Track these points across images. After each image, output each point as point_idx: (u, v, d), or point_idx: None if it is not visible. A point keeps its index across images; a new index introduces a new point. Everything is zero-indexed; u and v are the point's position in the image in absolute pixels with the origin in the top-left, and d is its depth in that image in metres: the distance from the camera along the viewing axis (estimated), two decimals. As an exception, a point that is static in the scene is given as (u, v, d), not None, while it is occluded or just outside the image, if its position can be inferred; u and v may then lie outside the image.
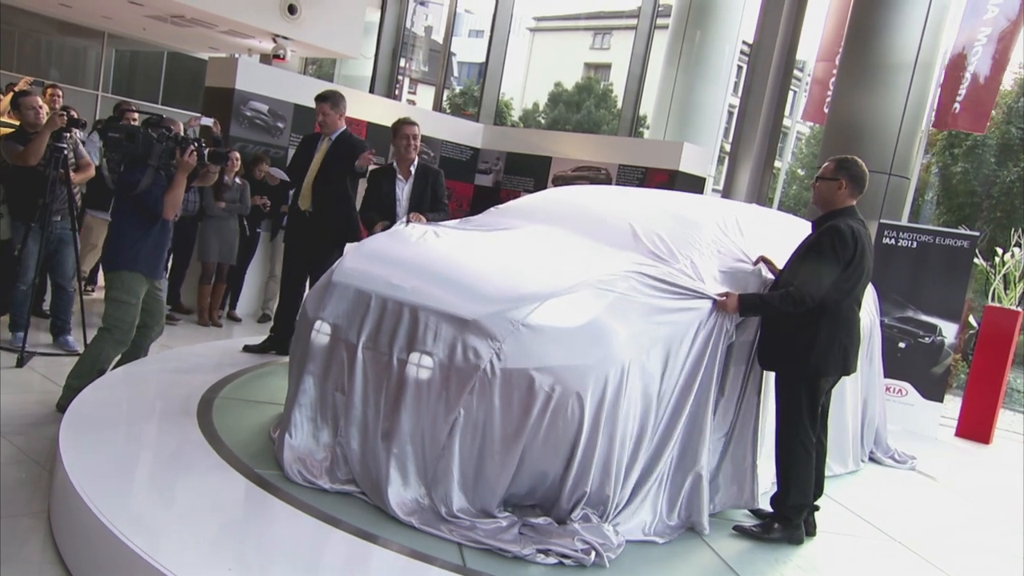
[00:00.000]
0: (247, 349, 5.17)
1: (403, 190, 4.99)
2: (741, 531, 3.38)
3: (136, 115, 5.82)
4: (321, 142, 5.25)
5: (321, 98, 5.18)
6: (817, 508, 3.54)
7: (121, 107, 6.25)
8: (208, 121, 5.58)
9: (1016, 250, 7.15)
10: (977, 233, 6.89)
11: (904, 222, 7.88)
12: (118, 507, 2.64)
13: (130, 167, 4.02)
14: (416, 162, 5.05)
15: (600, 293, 3.09)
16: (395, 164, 5.03)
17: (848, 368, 3.39)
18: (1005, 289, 7.08)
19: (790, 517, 3.37)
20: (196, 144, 4.06)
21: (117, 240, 4.07)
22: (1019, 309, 7.02)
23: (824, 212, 3.41)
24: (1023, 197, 20.46)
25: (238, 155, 6.50)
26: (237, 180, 6.54)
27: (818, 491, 3.50)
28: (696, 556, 3.09)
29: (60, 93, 5.94)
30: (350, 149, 5.15)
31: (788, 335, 3.32)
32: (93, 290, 7.00)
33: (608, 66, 35.11)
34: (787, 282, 3.32)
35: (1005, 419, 7.61)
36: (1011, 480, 5.71)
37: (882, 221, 7.09)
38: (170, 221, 4.19)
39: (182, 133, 4.38)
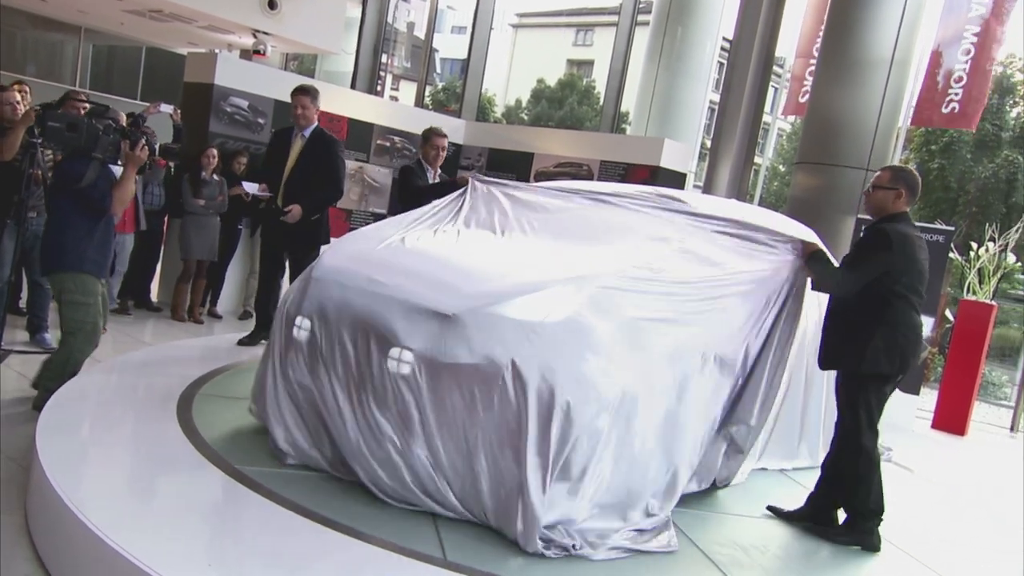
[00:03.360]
0: (241, 343, 5.28)
1: None
2: (808, 529, 3.50)
3: (87, 105, 5.67)
4: (295, 139, 5.25)
5: (302, 91, 5.19)
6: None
7: (69, 95, 6.07)
8: (168, 108, 5.50)
9: (991, 244, 7.27)
10: (952, 228, 6.98)
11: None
12: (97, 504, 2.63)
13: (70, 159, 3.77)
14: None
15: (583, 288, 3.09)
16: (424, 163, 5.36)
17: (905, 368, 3.41)
18: (980, 283, 7.20)
19: (856, 522, 3.43)
20: (147, 137, 3.87)
21: (60, 237, 3.78)
22: (994, 303, 7.14)
23: (877, 219, 3.49)
24: (998, 193, 20.76)
25: (215, 152, 6.44)
26: (215, 177, 6.49)
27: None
28: (683, 555, 3.12)
29: (28, 89, 5.82)
30: (326, 149, 5.23)
31: (847, 335, 3.40)
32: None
33: (591, 62, 35.17)
34: None
35: (980, 411, 7.73)
36: (986, 472, 5.82)
37: (859, 216, 7.17)
38: (115, 217, 3.99)
39: (127, 122, 4.12)
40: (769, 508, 3.65)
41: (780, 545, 3.36)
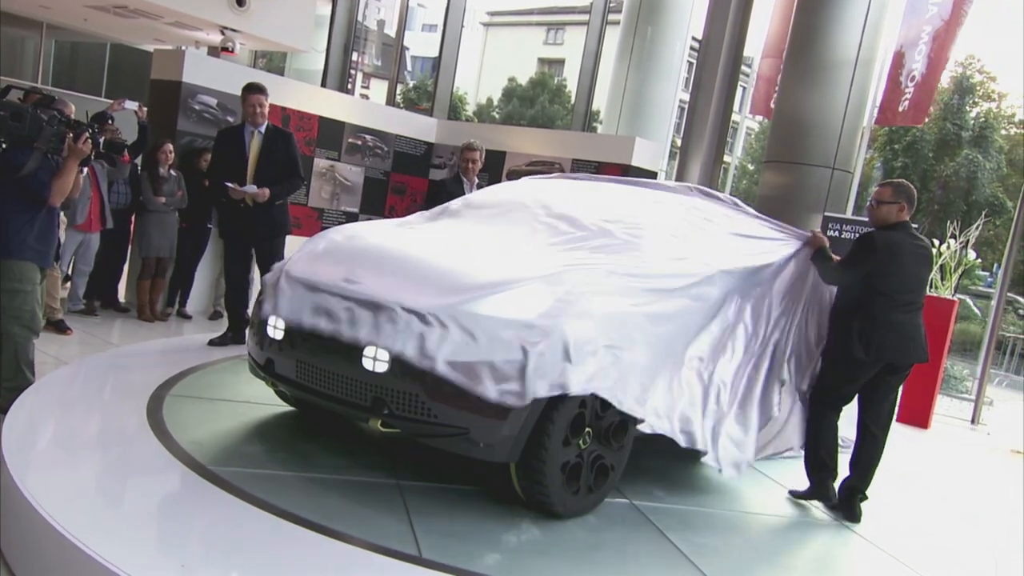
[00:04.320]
0: (212, 343, 5.27)
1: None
2: (793, 494, 4.00)
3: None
4: (250, 136, 5.32)
5: (259, 90, 5.28)
6: (866, 497, 3.86)
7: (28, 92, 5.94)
8: (132, 105, 5.44)
9: (952, 241, 7.44)
10: (915, 225, 7.13)
11: (848, 215, 8.11)
12: (66, 508, 2.59)
13: (13, 148, 3.74)
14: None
15: (556, 284, 3.11)
16: (461, 176, 5.72)
17: (882, 357, 3.73)
18: (942, 279, 7.36)
19: (811, 473, 3.90)
20: (91, 130, 3.83)
21: (0, 226, 3.80)
22: (955, 298, 7.31)
23: (879, 228, 3.81)
24: (958, 191, 21.25)
25: (171, 147, 6.36)
26: (172, 172, 6.39)
27: (866, 478, 3.86)
28: (652, 547, 3.17)
29: None
30: (285, 141, 5.40)
31: (833, 323, 3.89)
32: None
33: (562, 61, 35.28)
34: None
35: (943, 404, 7.91)
36: (950, 463, 5.96)
37: (826, 214, 7.29)
38: (57, 208, 3.95)
39: (73, 114, 4.04)
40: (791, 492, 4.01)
41: (746, 538, 3.43)
